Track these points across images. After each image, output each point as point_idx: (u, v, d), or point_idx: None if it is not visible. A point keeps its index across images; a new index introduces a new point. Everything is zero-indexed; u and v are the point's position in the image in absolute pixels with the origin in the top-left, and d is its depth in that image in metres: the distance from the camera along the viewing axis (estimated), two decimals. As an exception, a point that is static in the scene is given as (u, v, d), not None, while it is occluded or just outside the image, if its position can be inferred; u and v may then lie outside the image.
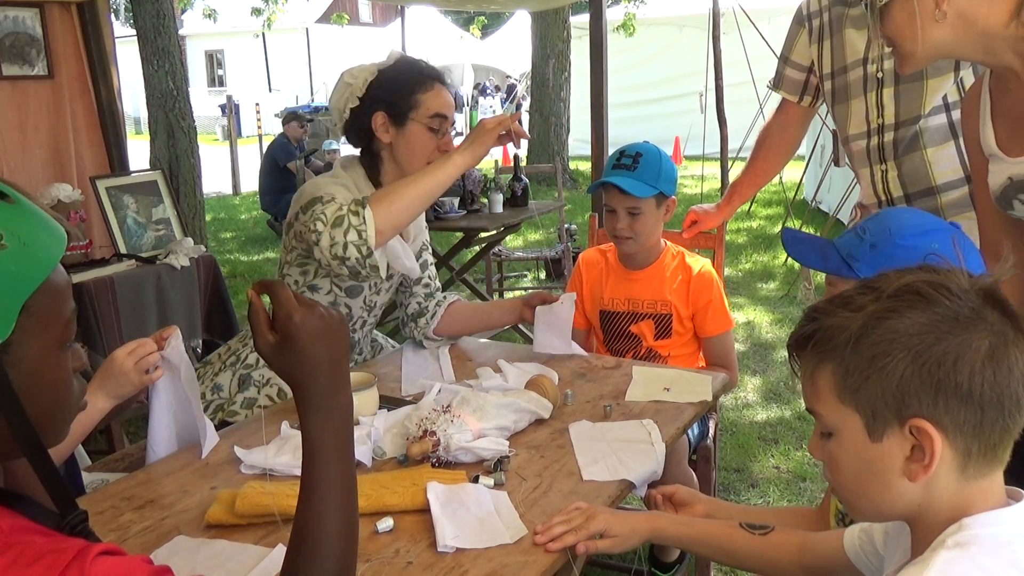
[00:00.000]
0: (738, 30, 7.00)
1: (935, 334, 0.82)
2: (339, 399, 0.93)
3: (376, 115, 1.90)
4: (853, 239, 1.30)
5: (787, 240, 1.44)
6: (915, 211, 1.39)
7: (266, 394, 1.95)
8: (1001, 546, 0.82)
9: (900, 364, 0.83)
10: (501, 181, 4.80)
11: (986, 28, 1.33)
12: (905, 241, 1.23)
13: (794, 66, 2.19)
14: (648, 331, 2.27)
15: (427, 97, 1.92)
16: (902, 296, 0.85)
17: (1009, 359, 0.82)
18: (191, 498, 1.43)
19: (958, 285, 0.85)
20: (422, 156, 1.92)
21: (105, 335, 3.10)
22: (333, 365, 0.92)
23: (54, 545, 0.74)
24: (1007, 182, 1.41)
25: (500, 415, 1.61)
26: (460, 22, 21.87)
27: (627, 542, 1.31)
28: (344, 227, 1.75)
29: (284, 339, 0.90)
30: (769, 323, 4.91)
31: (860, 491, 0.90)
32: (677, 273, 2.25)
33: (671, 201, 2.24)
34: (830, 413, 0.89)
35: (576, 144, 12.05)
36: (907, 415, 0.83)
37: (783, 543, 1.24)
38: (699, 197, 7.48)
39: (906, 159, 1.96)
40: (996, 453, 0.85)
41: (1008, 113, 1.42)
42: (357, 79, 1.91)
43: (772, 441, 3.36)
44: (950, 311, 0.83)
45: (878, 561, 1.08)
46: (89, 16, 3.71)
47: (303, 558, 0.90)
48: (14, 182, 0.96)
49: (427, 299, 2.22)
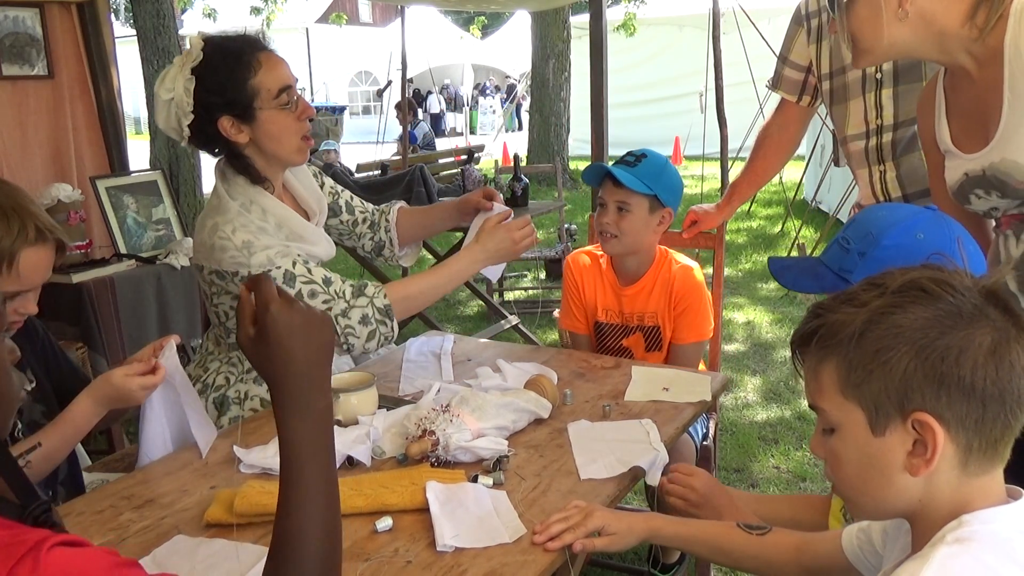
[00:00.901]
0: (738, 30, 6.99)
1: (939, 329, 0.83)
2: (315, 401, 0.89)
3: (220, 121, 1.76)
4: (839, 252, 1.29)
5: (776, 270, 1.42)
6: (890, 207, 1.39)
7: (250, 408, 1.88)
8: (1001, 543, 0.82)
9: (904, 358, 0.84)
10: (501, 181, 4.80)
11: (943, 28, 1.36)
12: (890, 240, 1.22)
13: (793, 66, 2.19)
14: (638, 344, 2.23)
15: (261, 78, 1.76)
16: (906, 292, 0.86)
17: (1011, 355, 0.83)
18: (190, 497, 1.43)
19: (961, 283, 0.86)
20: (289, 138, 1.81)
21: (105, 335, 3.10)
22: (310, 364, 0.89)
23: (11, 538, 0.72)
24: (963, 178, 1.44)
25: (499, 415, 1.62)
26: (460, 22, 21.86)
27: (624, 540, 1.31)
28: (376, 339, 1.82)
29: (260, 331, 0.88)
30: (769, 323, 4.91)
31: (862, 487, 0.91)
32: (664, 283, 2.19)
33: (667, 212, 2.15)
34: (833, 408, 0.90)
35: (576, 144, 12.05)
36: (910, 409, 0.84)
37: (780, 543, 1.24)
38: (699, 197, 7.46)
39: (904, 160, 1.96)
40: (997, 449, 0.86)
41: (961, 111, 1.46)
42: (176, 90, 1.74)
43: (772, 441, 3.36)
44: (953, 307, 0.84)
45: (877, 560, 1.08)
46: (89, 16, 3.71)
47: (283, 566, 0.86)
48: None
49: (374, 229, 2.18)
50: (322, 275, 1.80)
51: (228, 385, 1.89)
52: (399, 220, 2.17)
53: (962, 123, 1.46)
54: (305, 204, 2.00)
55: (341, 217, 2.15)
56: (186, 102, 1.74)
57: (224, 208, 1.80)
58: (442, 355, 2.13)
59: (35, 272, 1.45)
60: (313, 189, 2.03)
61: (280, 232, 1.84)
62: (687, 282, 2.17)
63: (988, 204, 1.44)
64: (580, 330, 2.31)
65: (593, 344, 2.32)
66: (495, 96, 22.23)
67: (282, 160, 1.86)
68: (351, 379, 1.75)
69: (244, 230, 1.77)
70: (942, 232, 1.22)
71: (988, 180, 1.40)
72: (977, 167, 1.41)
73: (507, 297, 5.74)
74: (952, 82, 1.47)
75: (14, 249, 1.40)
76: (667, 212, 2.15)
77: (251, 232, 1.77)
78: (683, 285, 2.16)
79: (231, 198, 1.81)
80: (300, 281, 1.76)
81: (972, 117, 1.43)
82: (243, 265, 1.76)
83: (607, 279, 2.25)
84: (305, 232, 1.88)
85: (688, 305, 2.16)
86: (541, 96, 11.04)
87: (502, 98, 21.45)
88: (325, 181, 2.14)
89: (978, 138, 1.41)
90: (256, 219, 1.81)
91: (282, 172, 1.91)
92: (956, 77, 1.45)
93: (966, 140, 1.44)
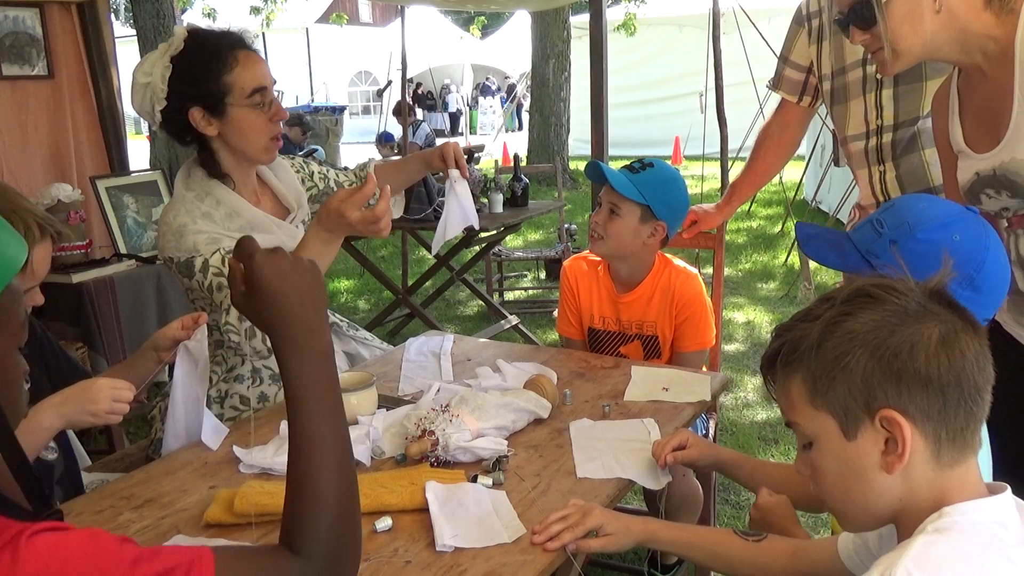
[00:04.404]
0: (738, 30, 6.99)
1: (888, 327, 0.88)
2: (313, 342, 0.89)
3: (191, 112, 1.77)
4: (871, 234, 1.25)
5: (802, 237, 1.38)
6: (931, 199, 1.33)
7: (230, 405, 1.88)
8: (980, 532, 0.84)
9: (861, 360, 0.88)
10: (501, 181, 4.80)
11: (965, 24, 1.36)
12: (925, 235, 1.18)
13: (793, 66, 2.19)
14: (636, 353, 2.21)
15: (236, 75, 1.77)
16: (854, 300, 0.91)
17: (960, 344, 0.87)
18: (190, 497, 1.43)
19: (905, 285, 0.91)
20: (257, 137, 1.82)
21: (105, 335, 3.11)
22: (303, 304, 0.89)
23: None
24: (974, 177, 1.44)
25: (499, 415, 1.62)
26: (460, 22, 21.86)
27: (621, 541, 1.31)
28: (259, 337, 1.79)
29: (250, 283, 0.89)
30: (769, 323, 4.91)
31: (845, 495, 0.94)
32: (662, 293, 2.15)
33: (659, 225, 2.09)
34: (806, 421, 0.93)
35: (576, 144, 12.05)
36: (875, 407, 0.88)
37: (776, 550, 1.25)
38: (699, 197, 7.46)
39: (904, 160, 1.96)
40: (965, 438, 0.89)
41: (974, 111, 1.46)
42: (153, 75, 1.76)
43: (772, 441, 3.36)
44: (899, 307, 0.89)
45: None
46: (89, 16, 3.72)
47: (300, 508, 0.86)
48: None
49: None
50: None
51: (210, 384, 1.88)
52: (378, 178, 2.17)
53: (975, 123, 1.46)
54: (285, 200, 2.01)
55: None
56: (160, 88, 1.76)
57: (178, 198, 1.84)
58: (442, 355, 2.13)
59: (42, 266, 1.51)
60: (293, 186, 2.04)
61: (231, 221, 1.84)
62: (688, 291, 2.14)
63: (999, 204, 1.44)
64: (576, 336, 2.29)
65: (587, 350, 2.29)
66: (495, 96, 22.24)
67: (249, 157, 1.87)
68: (351, 379, 1.75)
69: (187, 214, 1.79)
70: (979, 239, 1.18)
71: (998, 180, 1.40)
72: (988, 167, 1.41)
73: (507, 297, 5.74)
74: (966, 82, 1.47)
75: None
76: (660, 225, 2.10)
77: (192, 216, 1.79)
78: (684, 294, 2.13)
79: (187, 189, 1.85)
80: (212, 272, 1.76)
81: (984, 117, 1.43)
82: (174, 250, 1.78)
83: (604, 286, 2.22)
84: (259, 223, 1.87)
85: (690, 314, 2.14)
86: (541, 96, 11.03)
87: (502, 98, 21.46)
88: (313, 169, 2.16)
89: (990, 138, 1.41)
90: (207, 207, 1.82)
91: (250, 168, 1.92)
92: (970, 77, 1.45)
93: (978, 140, 1.44)
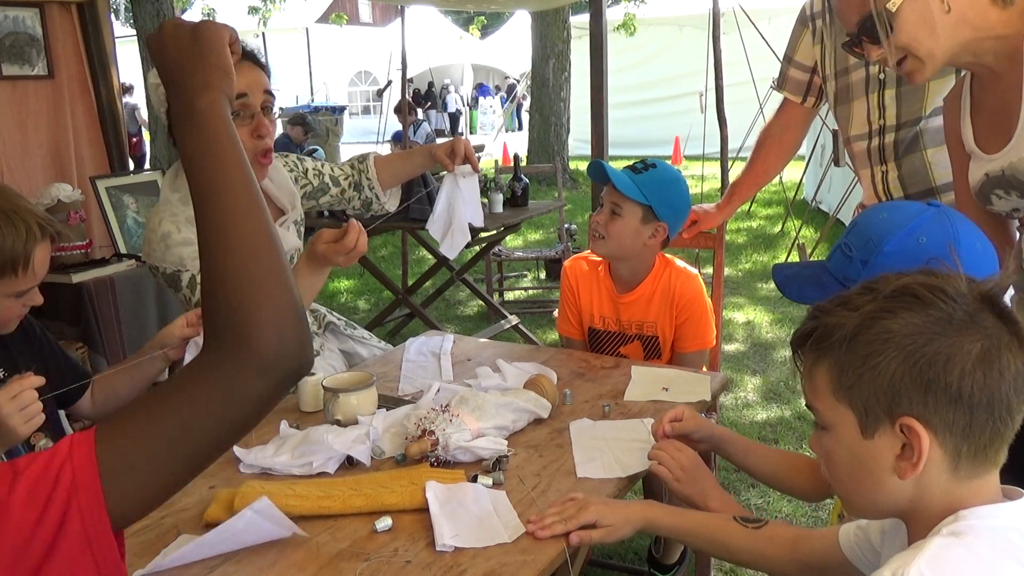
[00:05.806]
0: (738, 30, 6.99)
1: (927, 335, 0.84)
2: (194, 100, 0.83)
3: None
4: (842, 260, 1.28)
5: (780, 281, 1.39)
6: (890, 206, 1.36)
7: None
8: (997, 538, 0.83)
9: (892, 363, 0.85)
10: (501, 181, 4.80)
11: (974, 23, 1.35)
12: (891, 247, 1.21)
13: (798, 66, 2.19)
14: (636, 353, 2.21)
15: None
16: (898, 297, 0.87)
17: (1001, 363, 0.84)
18: (190, 497, 1.43)
19: (955, 288, 0.86)
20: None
21: (105, 335, 3.10)
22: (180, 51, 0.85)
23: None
24: (984, 178, 1.44)
25: (499, 415, 1.61)
26: (460, 22, 21.85)
27: (620, 531, 1.31)
28: None
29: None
30: (769, 323, 4.91)
31: (854, 486, 0.93)
32: (663, 293, 2.15)
33: (661, 226, 2.09)
34: (826, 409, 0.92)
35: (576, 144, 12.05)
36: (898, 413, 0.85)
37: (776, 537, 1.24)
38: (699, 197, 7.45)
39: (906, 160, 1.96)
40: (987, 455, 0.86)
41: (985, 112, 1.46)
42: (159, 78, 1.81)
43: (772, 441, 3.36)
44: (944, 313, 0.85)
45: (875, 558, 1.08)
46: (89, 16, 3.71)
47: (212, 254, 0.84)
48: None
49: (359, 190, 2.21)
50: None
51: None
52: (378, 170, 2.21)
53: (985, 123, 1.46)
54: (278, 202, 2.03)
55: (331, 192, 2.19)
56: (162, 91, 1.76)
57: (163, 201, 1.84)
58: (442, 355, 2.13)
59: (43, 266, 1.52)
60: (286, 187, 2.05)
61: None
62: (689, 291, 2.14)
63: (1009, 204, 1.44)
64: (576, 336, 2.29)
65: (588, 352, 2.29)
66: (495, 96, 22.24)
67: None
68: (350, 379, 1.75)
69: (171, 220, 1.79)
70: (944, 235, 1.20)
71: (1007, 180, 1.40)
72: (997, 167, 1.41)
73: (507, 297, 5.74)
74: (978, 83, 1.47)
75: (28, 250, 1.46)
76: (661, 227, 2.10)
77: (177, 223, 1.79)
78: (685, 294, 2.13)
79: (173, 190, 1.85)
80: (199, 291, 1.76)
81: (994, 118, 1.43)
82: (160, 260, 1.77)
83: (604, 286, 2.22)
84: None
85: (690, 315, 2.14)
86: (541, 96, 11.03)
87: (502, 98, 21.46)
88: (307, 167, 2.16)
89: (999, 139, 1.41)
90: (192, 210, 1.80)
91: None
92: (982, 78, 1.45)
93: (988, 141, 1.44)
